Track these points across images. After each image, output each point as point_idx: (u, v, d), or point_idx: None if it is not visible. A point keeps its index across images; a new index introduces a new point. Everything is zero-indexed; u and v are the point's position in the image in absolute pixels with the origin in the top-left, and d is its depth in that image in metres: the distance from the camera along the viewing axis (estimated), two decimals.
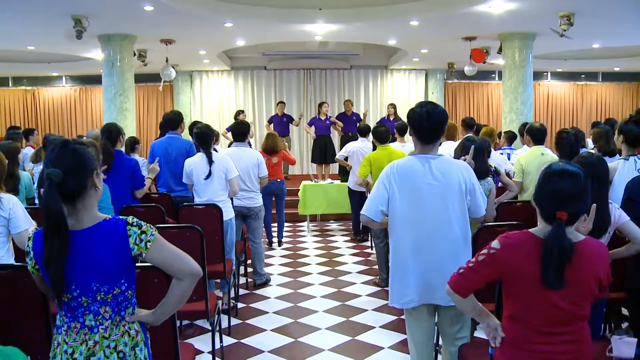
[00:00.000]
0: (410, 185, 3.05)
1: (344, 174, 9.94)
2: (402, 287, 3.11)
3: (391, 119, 12.07)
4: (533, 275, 2.17)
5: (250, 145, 11.13)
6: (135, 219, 2.15)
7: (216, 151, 5.79)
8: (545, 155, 5.49)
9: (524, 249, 2.21)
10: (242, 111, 12.37)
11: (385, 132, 6.71)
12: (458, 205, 3.06)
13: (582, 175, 2.20)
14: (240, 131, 6.23)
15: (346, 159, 8.54)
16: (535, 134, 5.67)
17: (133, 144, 7.15)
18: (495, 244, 2.26)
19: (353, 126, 11.67)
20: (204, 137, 5.41)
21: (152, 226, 2.18)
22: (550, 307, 2.18)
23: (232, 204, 5.75)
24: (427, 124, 3.02)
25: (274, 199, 8.43)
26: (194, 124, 7.26)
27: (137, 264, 2.18)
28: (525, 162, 5.56)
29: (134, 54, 10.70)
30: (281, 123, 12.39)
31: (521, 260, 2.20)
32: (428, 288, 3.06)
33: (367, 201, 3.21)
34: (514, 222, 3.76)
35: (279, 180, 8.24)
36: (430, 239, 3.03)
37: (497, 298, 2.80)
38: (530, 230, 2.27)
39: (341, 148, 11.64)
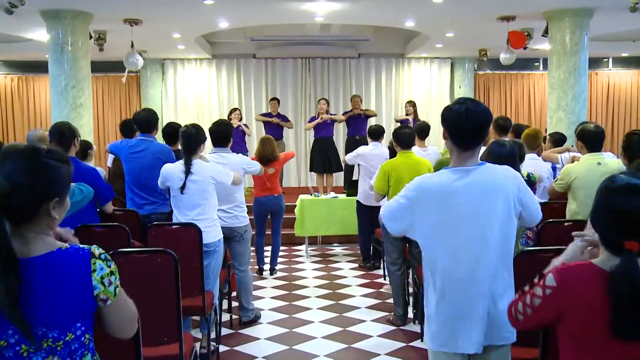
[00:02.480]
0: (445, 211, 3.03)
1: (350, 186, 9.94)
2: (445, 327, 3.10)
3: (410, 119, 12.08)
4: (602, 321, 2.09)
5: (246, 151, 11.16)
6: (102, 251, 2.12)
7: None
8: (604, 165, 5.40)
9: (588, 287, 2.13)
10: (236, 109, 12.38)
11: (410, 134, 6.69)
12: (507, 226, 3.06)
13: None
14: (220, 134, 6.21)
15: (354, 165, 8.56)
16: (588, 139, 5.57)
17: (85, 149, 7.09)
18: (550, 280, 2.20)
19: (361, 127, 11.67)
20: (188, 140, 5.39)
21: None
22: None
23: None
24: (467, 125, 3.00)
25: (269, 217, 8.44)
26: (169, 126, 7.22)
27: None
28: (577, 175, 5.49)
29: (90, 37, 10.64)
30: (274, 125, 12.39)
31: (585, 302, 2.12)
32: (467, 332, 3.06)
33: (389, 212, 3.19)
34: (563, 247, 3.72)
35: (275, 195, 8.25)
36: (474, 275, 3.02)
37: (542, 340, 2.79)
38: (593, 261, 2.19)
39: (345, 152, 11.67)
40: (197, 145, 5.41)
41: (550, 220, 5.03)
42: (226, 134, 6.23)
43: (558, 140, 8.06)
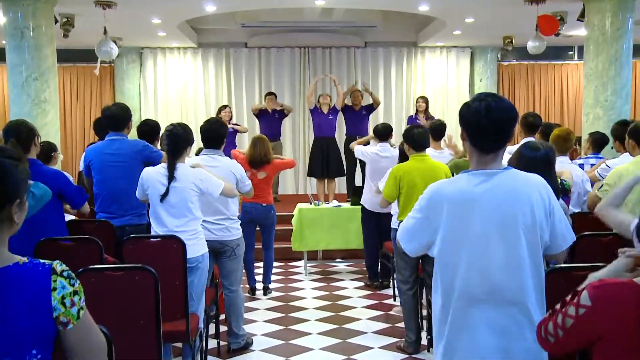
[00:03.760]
0: (464, 222, 3.02)
1: (355, 193, 9.92)
2: (460, 349, 3.09)
3: (421, 116, 12.09)
4: None
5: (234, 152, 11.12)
6: (65, 267, 2.12)
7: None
8: None
9: (629, 307, 2.12)
10: (226, 106, 12.41)
11: (423, 134, 6.68)
12: (535, 239, 3.05)
13: None
14: (213, 134, 6.22)
15: (358, 161, 8.51)
16: None
17: (48, 151, 7.08)
18: (584, 299, 2.20)
19: (362, 126, 11.68)
20: (175, 141, 5.39)
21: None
22: None
23: None
24: (488, 125, 2.99)
25: (257, 229, 8.44)
26: (145, 124, 7.23)
27: None
28: (627, 176, 5.49)
29: (56, 21, 10.57)
30: (271, 122, 12.40)
31: (624, 324, 2.11)
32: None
33: (405, 232, 3.21)
34: (600, 265, 3.69)
35: (264, 204, 8.22)
36: (494, 295, 3.01)
37: None
38: (636, 279, 2.19)
39: (346, 154, 11.65)
40: (184, 148, 5.42)
41: (586, 233, 5.00)
42: (219, 135, 6.25)
43: (598, 140, 7.83)
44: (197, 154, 6.42)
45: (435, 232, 3.08)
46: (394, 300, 8.22)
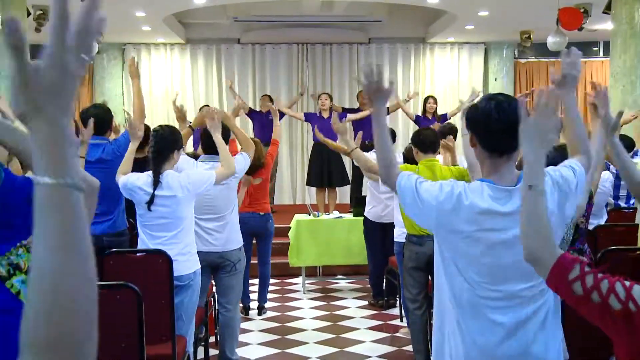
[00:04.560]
0: (474, 237, 3.02)
1: (359, 203, 9.91)
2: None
3: (430, 118, 12.09)
4: None
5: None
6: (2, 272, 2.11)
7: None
8: None
9: None
10: (206, 106, 12.44)
11: (432, 137, 6.66)
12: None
13: None
14: (212, 140, 6.21)
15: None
16: None
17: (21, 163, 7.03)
18: (639, 293, 2.12)
19: (371, 128, 11.65)
20: (160, 143, 5.36)
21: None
22: None
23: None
24: (498, 124, 2.99)
25: (254, 241, 8.44)
26: None
27: None
28: None
29: (28, 13, 10.58)
30: (265, 124, 12.40)
31: None
32: None
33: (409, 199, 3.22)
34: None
35: (262, 213, 8.20)
36: (513, 318, 3.01)
37: None
38: None
39: (353, 162, 11.65)
40: (169, 150, 5.37)
41: (613, 247, 4.98)
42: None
43: (627, 148, 7.84)
44: (196, 159, 6.38)
45: (440, 228, 3.11)
46: (401, 320, 8.18)
